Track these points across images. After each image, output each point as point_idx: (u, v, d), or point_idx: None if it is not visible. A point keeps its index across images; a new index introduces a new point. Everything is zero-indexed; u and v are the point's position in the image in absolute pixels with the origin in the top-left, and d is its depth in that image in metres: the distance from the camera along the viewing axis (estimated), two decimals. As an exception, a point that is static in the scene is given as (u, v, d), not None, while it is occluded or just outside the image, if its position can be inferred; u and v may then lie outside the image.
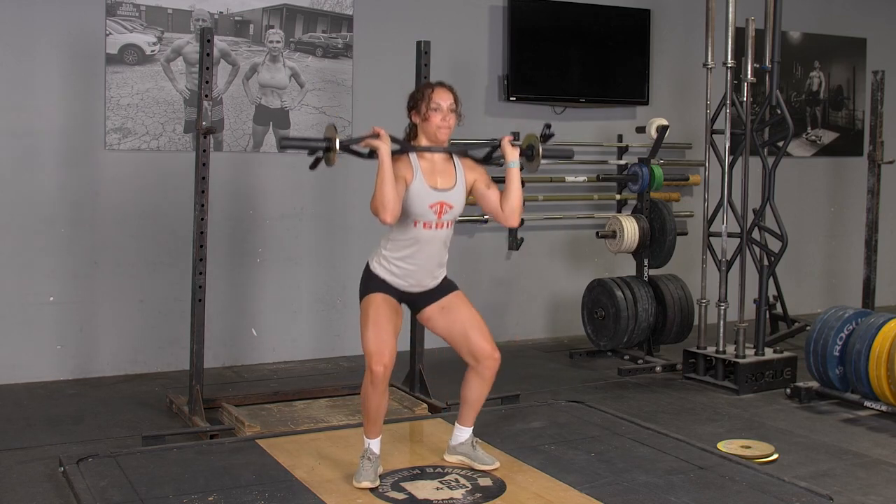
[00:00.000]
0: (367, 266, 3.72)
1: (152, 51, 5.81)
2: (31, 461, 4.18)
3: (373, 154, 3.55)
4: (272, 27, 6.12)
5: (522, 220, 6.75)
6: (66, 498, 3.72)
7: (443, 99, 3.65)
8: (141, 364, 5.87)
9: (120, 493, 3.56)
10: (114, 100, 5.72)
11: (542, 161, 3.80)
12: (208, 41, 4.68)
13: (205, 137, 4.70)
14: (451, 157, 3.72)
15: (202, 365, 4.77)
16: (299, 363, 6.21)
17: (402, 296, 3.70)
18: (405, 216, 3.59)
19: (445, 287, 3.77)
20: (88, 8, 5.64)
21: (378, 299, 3.63)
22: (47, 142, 5.62)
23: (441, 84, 3.71)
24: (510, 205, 3.68)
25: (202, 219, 4.70)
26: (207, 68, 4.68)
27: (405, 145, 3.65)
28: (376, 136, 3.53)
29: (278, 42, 6.14)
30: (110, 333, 5.81)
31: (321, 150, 3.60)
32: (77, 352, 5.73)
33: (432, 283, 3.73)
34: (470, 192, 3.73)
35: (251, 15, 6.07)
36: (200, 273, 4.71)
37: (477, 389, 3.78)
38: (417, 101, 3.68)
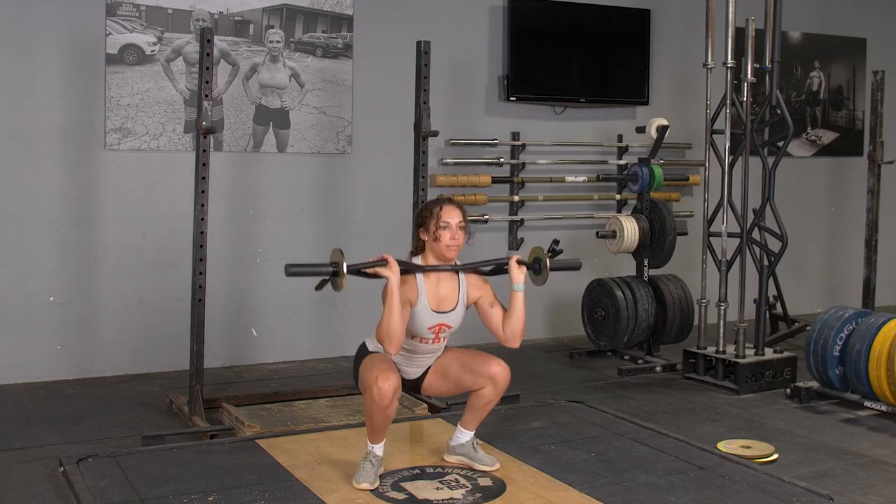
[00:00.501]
0: (364, 345, 3.75)
1: (152, 51, 5.81)
2: (31, 461, 4.18)
3: (380, 276, 3.55)
4: (272, 27, 6.12)
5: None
6: (66, 498, 3.72)
7: (452, 217, 3.64)
8: (141, 364, 5.87)
9: (120, 493, 3.56)
10: (114, 100, 5.72)
11: (549, 274, 3.78)
12: (208, 41, 4.68)
13: (205, 137, 4.70)
14: (457, 274, 3.73)
15: (202, 365, 4.77)
16: (299, 363, 6.21)
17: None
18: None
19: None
20: (88, 8, 5.64)
21: (378, 356, 3.66)
22: (47, 142, 5.62)
23: (450, 200, 3.70)
24: (512, 328, 3.69)
25: (202, 219, 4.70)
26: (207, 68, 4.68)
27: (413, 268, 3.65)
28: (384, 262, 3.52)
29: (278, 42, 6.14)
30: (110, 333, 5.81)
31: (328, 276, 3.59)
32: (77, 352, 5.73)
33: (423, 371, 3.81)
34: (473, 306, 3.75)
35: (251, 15, 6.07)
36: (200, 273, 4.71)
37: (487, 398, 3.77)
38: (426, 220, 3.67)
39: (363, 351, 3.74)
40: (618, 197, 7.13)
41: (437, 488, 3.65)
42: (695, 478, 3.81)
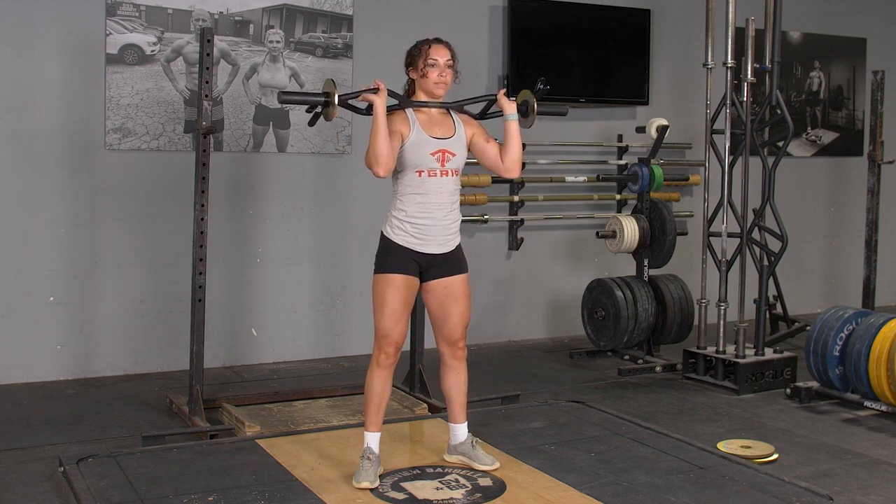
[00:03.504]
0: (382, 235, 3.71)
1: (152, 51, 5.81)
2: (31, 461, 4.18)
3: (370, 109, 3.58)
4: (272, 27, 6.12)
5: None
6: (66, 498, 3.72)
7: (440, 55, 3.68)
8: (141, 364, 5.87)
9: (120, 493, 3.56)
10: (114, 100, 5.72)
11: (538, 116, 3.83)
12: (208, 41, 4.68)
13: (205, 137, 4.70)
14: (449, 112, 3.77)
15: (202, 365, 4.77)
16: (299, 363, 6.21)
17: (418, 262, 3.67)
18: (409, 168, 3.62)
19: (457, 263, 3.76)
20: (88, 8, 5.64)
21: (395, 281, 3.62)
22: (47, 142, 5.62)
23: (438, 39, 3.74)
24: (510, 156, 3.73)
25: (202, 219, 4.70)
26: (207, 68, 4.68)
27: (403, 100, 3.70)
28: (375, 89, 3.57)
29: (278, 42, 6.14)
30: (110, 333, 5.81)
31: (320, 105, 3.63)
32: (77, 352, 5.73)
33: (448, 242, 3.72)
34: (469, 146, 3.76)
35: (251, 15, 6.07)
36: (200, 273, 4.71)
37: (454, 383, 3.82)
38: (415, 58, 3.72)
39: (384, 246, 3.68)
40: (618, 197, 7.13)
41: (437, 488, 3.65)
42: (695, 478, 3.81)
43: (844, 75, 8.30)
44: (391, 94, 3.64)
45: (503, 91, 3.82)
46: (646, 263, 6.32)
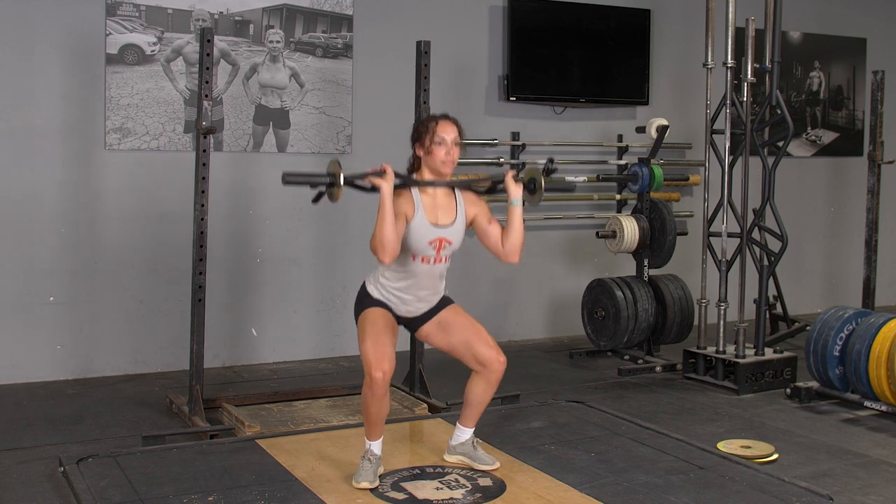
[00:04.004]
0: (364, 286, 3.74)
1: (152, 51, 5.81)
2: (31, 461, 4.18)
3: (376, 189, 3.53)
4: (272, 27, 6.12)
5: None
6: (66, 498, 3.72)
7: (447, 132, 3.62)
8: (141, 364, 5.87)
9: (120, 493, 3.56)
10: (114, 100, 5.72)
11: (544, 194, 3.78)
12: (208, 41, 4.68)
13: (205, 137, 4.70)
14: (453, 190, 3.72)
15: (202, 365, 4.77)
16: (299, 363, 6.21)
17: (398, 317, 3.73)
18: (404, 250, 3.60)
19: (441, 303, 3.78)
20: (88, 8, 5.64)
21: (375, 313, 3.65)
22: (47, 142, 5.62)
23: (445, 117, 3.69)
24: (511, 242, 3.68)
25: (202, 219, 4.71)
26: (207, 68, 4.68)
27: (408, 180, 3.65)
28: (381, 172, 3.51)
29: (278, 42, 6.14)
30: (110, 333, 5.81)
31: (324, 186, 3.59)
32: (77, 352, 5.73)
33: (427, 308, 3.76)
34: (470, 226, 3.74)
35: (251, 15, 6.07)
36: (200, 273, 4.71)
37: (482, 393, 3.78)
38: (421, 134, 3.66)
39: (362, 296, 3.71)
40: (618, 197, 7.13)
41: (437, 488, 3.65)
42: (695, 478, 3.81)
43: (844, 75, 8.30)
44: (397, 175, 3.57)
45: (511, 173, 3.73)
46: (646, 263, 6.32)
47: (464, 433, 3.88)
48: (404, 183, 3.62)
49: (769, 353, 5.74)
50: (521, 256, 3.54)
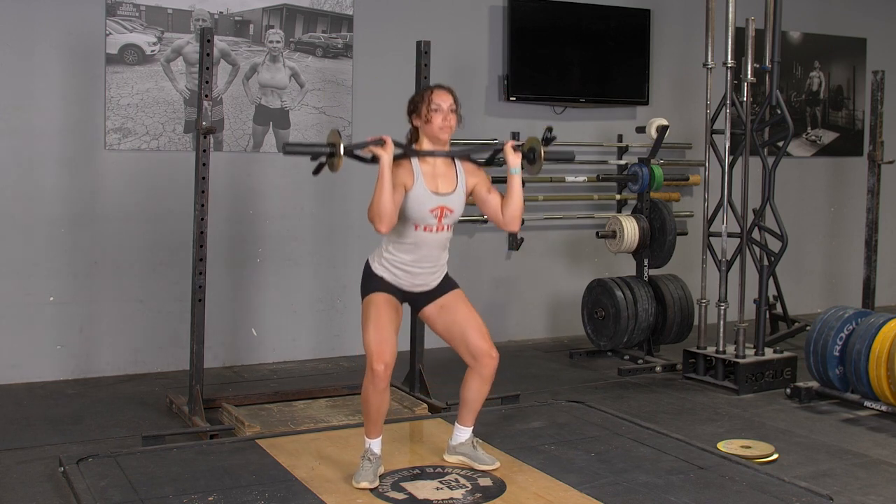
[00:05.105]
0: (368, 264, 3.74)
1: (152, 51, 5.81)
2: (31, 461, 4.18)
3: (376, 159, 3.55)
4: (272, 27, 6.12)
5: (523, 220, 6.79)
6: (66, 498, 3.72)
7: (443, 100, 3.66)
8: (141, 364, 5.87)
9: (120, 493, 3.56)
10: (114, 100, 5.72)
11: (544, 164, 3.80)
12: (208, 41, 4.68)
13: (205, 137, 4.70)
14: (453, 160, 3.74)
15: (202, 365, 4.77)
16: (299, 363, 6.21)
17: (403, 295, 3.72)
18: (406, 220, 3.61)
19: (445, 286, 3.78)
20: (88, 8, 5.64)
21: (379, 299, 3.65)
22: (47, 142, 5.62)
23: (440, 86, 3.72)
24: (511, 211, 3.70)
25: (202, 219, 4.70)
26: (207, 68, 4.68)
27: (408, 150, 3.67)
28: (381, 142, 3.53)
29: (278, 42, 6.14)
30: (110, 333, 5.81)
31: (325, 156, 3.60)
32: (77, 352, 5.73)
33: (433, 282, 3.75)
34: (470, 195, 3.74)
35: (251, 15, 6.07)
36: (200, 273, 4.71)
37: (476, 389, 3.79)
38: (417, 105, 3.69)
39: (368, 276, 3.70)
40: (618, 197, 7.13)
41: (437, 488, 3.65)
42: (695, 478, 3.81)
43: (844, 75, 8.30)
44: (396, 144, 3.60)
45: (511, 143, 3.76)
46: (646, 263, 6.32)
47: (463, 433, 3.88)
48: (404, 153, 3.66)
49: (769, 353, 5.74)
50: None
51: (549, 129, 3.77)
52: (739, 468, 3.92)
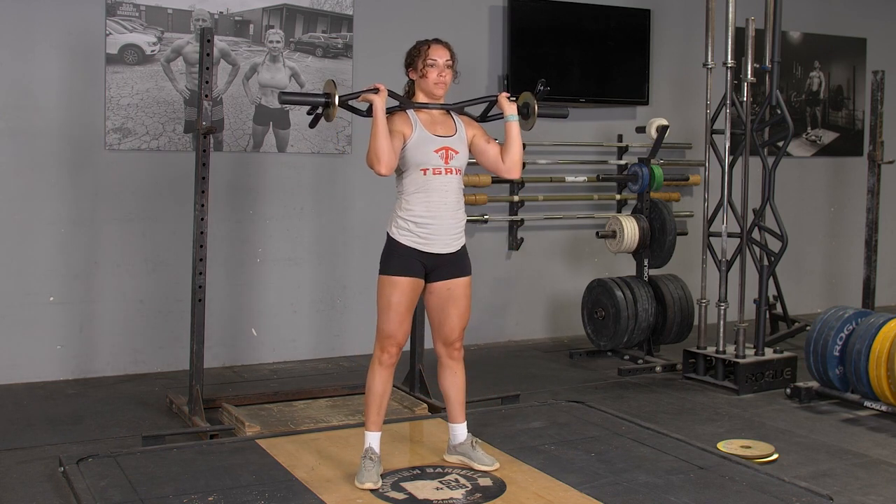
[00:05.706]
0: (388, 236, 3.72)
1: (152, 51, 5.81)
2: (31, 461, 4.18)
3: (371, 111, 3.60)
4: (272, 27, 6.12)
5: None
6: (66, 498, 3.72)
7: (439, 55, 3.70)
8: (141, 364, 5.87)
9: (120, 493, 3.56)
10: (114, 100, 5.72)
11: (538, 118, 3.85)
12: (208, 41, 4.68)
13: (205, 137, 4.70)
14: (449, 113, 3.80)
15: (202, 365, 4.76)
16: (299, 363, 6.21)
17: (422, 266, 3.68)
18: (414, 166, 3.63)
19: (462, 265, 3.77)
20: (88, 8, 5.64)
21: (401, 284, 3.64)
22: (47, 142, 5.62)
23: (437, 40, 3.76)
24: (511, 157, 3.75)
25: (202, 219, 4.70)
26: (207, 68, 4.68)
27: (404, 101, 3.73)
28: (375, 90, 3.59)
29: (278, 42, 6.14)
30: (110, 333, 5.81)
31: (321, 106, 3.64)
32: (77, 352, 5.73)
33: (453, 243, 3.72)
34: (469, 147, 3.78)
35: (251, 15, 6.07)
36: (200, 273, 4.71)
37: (451, 383, 3.83)
38: (414, 58, 3.75)
39: (389, 250, 3.68)
40: (618, 197, 7.13)
41: (437, 488, 3.65)
42: (695, 478, 3.81)
43: (844, 75, 8.30)
44: (392, 94, 3.66)
45: (504, 94, 3.84)
46: (646, 263, 6.32)
47: (459, 431, 3.88)
48: (401, 104, 3.70)
49: (769, 353, 5.74)
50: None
51: (543, 82, 3.82)
52: (739, 468, 3.92)
